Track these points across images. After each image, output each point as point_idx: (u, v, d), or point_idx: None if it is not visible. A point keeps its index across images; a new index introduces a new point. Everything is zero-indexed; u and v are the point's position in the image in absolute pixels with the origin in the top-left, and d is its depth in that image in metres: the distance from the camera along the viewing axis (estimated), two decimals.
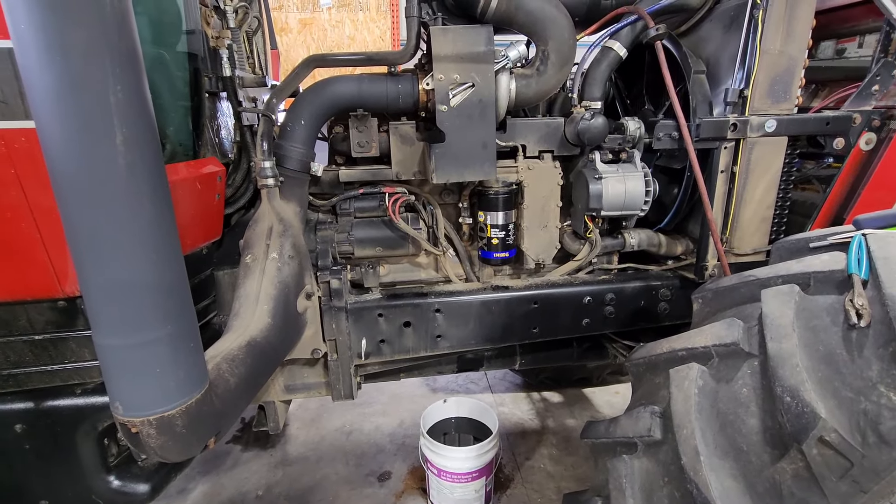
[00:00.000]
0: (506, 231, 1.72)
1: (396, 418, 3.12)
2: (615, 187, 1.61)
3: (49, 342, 1.17)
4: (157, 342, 0.89)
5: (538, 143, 1.70)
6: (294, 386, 1.82)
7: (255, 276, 1.43)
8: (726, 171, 1.63)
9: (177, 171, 1.30)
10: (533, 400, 3.31)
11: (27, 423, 1.26)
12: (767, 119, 1.55)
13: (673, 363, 1.07)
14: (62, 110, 0.73)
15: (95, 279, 0.83)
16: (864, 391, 0.85)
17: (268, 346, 1.33)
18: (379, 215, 1.73)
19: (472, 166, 1.54)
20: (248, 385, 1.22)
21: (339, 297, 1.64)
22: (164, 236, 0.87)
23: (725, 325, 1.02)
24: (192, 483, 2.59)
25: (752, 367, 0.96)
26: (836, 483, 0.85)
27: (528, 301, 1.76)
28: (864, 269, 0.95)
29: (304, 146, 1.56)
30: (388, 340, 1.73)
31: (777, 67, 1.53)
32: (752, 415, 0.92)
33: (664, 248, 1.86)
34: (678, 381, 1.01)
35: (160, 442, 0.94)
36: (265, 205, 1.51)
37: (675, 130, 1.62)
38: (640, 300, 1.81)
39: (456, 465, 2.13)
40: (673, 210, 1.79)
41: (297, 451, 2.85)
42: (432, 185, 1.79)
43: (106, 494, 1.36)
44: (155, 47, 1.26)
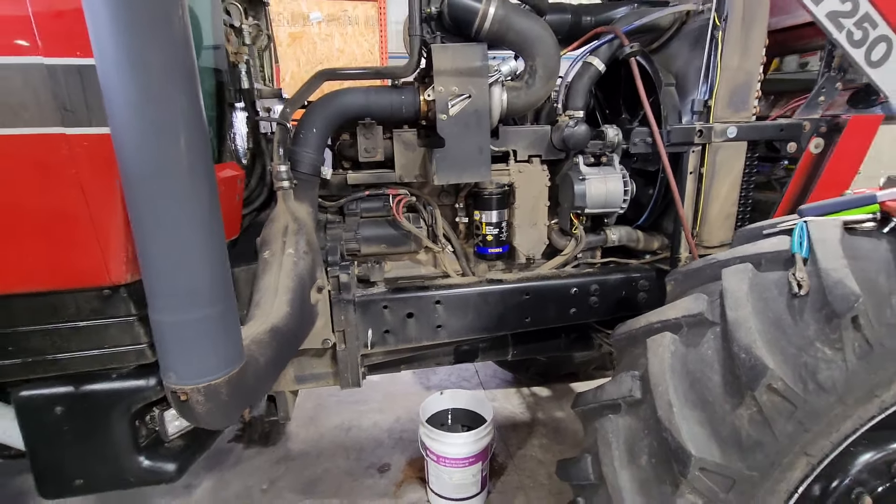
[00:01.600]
0: (499, 228, 1.89)
1: (393, 414, 3.24)
2: (597, 187, 1.80)
3: (92, 328, 1.28)
4: (205, 319, 1.02)
5: (527, 148, 1.88)
6: (304, 376, 1.94)
7: (273, 270, 1.57)
8: (695, 173, 1.82)
9: None
10: (523, 395, 3.47)
11: (67, 406, 1.36)
12: (729, 126, 1.76)
13: (650, 334, 1.24)
14: (140, 119, 0.87)
15: (156, 262, 0.96)
16: (804, 347, 1.03)
17: (288, 332, 1.46)
18: (383, 215, 1.88)
19: (469, 169, 1.71)
20: (274, 365, 1.35)
21: (347, 290, 1.78)
22: (214, 226, 1.01)
23: (692, 300, 1.19)
24: (197, 479, 2.67)
25: (714, 333, 1.14)
26: (784, 424, 1.02)
27: (520, 293, 1.92)
28: (805, 249, 1.14)
29: (315, 152, 1.70)
30: (392, 331, 1.87)
31: (736, 81, 1.74)
32: (715, 372, 1.09)
33: (642, 243, 2.05)
34: (654, 349, 1.18)
35: (207, 408, 1.06)
36: (281, 205, 1.65)
37: (648, 136, 1.81)
38: (621, 291, 1.99)
39: (454, 451, 2.26)
40: (649, 208, 1.98)
41: (298, 448, 2.94)
42: (432, 187, 1.95)
43: (136, 473, 1.46)
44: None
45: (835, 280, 1.03)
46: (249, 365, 1.21)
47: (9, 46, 1.01)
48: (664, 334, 1.19)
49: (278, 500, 2.52)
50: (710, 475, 1.04)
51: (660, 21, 1.85)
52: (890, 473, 1.26)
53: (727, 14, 1.67)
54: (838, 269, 1.04)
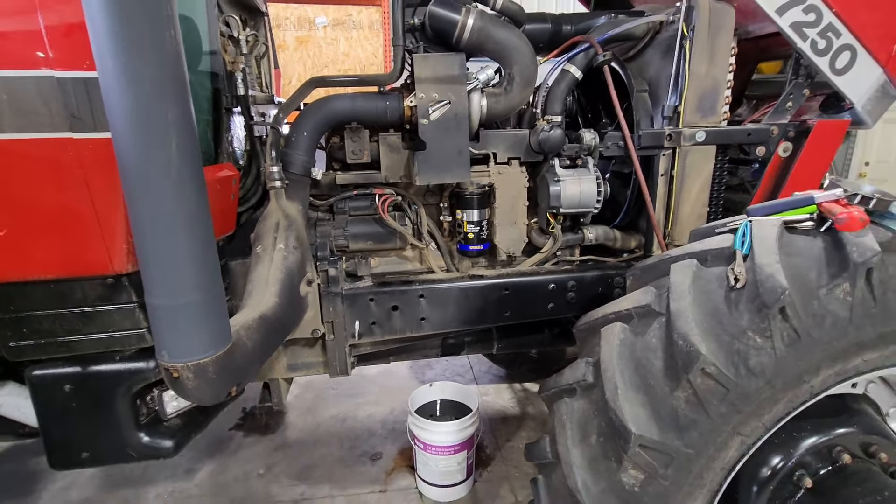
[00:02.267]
0: (480, 227, 2.00)
1: (387, 407, 3.36)
2: (571, 188, 1.89)
3: (97, 314, 1.42)
4: (194, 304, 1.15)
5: (507, 150, 1.98)
6: (296, 365, 2.06)
7: (264, 263, 1.69)
8: (666, 175, 1.91)
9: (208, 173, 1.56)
10: (514, 390, 3.56)
11: (74, 384, 1.50)
12: (697, 131, 1.85)
13: (605, 324, 1.34)
14: (135, 125, 0.99)
15: (151, 252, 1.08)
16: (737, 336, 1.13)
17: (276, 321, 1.58)
18: (370, 213, 2.00)
19: (449, 170, 1.82)
20: (262, 349, 1.47)
21: (335, 283, 1.90)
22: (202, 221, 1.13)
23: (642, 292, 1.29)
24: (198, 464, 2.81)
25: (660, 322, 1.23)
26: (717, 405, 1.12)
27: (501, 288, 2.02)
28: (746, 246, 1.23)
29: (306, 154, 1.83)
30: (378, 322, 1.98)
31: (704, 87, 1.83)
32: (658, 358, 1.19)
33: (619, 242, 2.14)
34: (606, 337, 1.28)
35: (196, 384, 1.19)
36: (273, 203, 1.77)
37: (621, 140, 1.91)
38: (597, 287, 2.08)
39: (440, 439, 2.37)
40: (624, 208, 2.07)
41: (295, 437, 3.07)
42: (416, 187, 2.06)
43: (137, 448, 1.59)
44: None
45: (767, 274, 1.12)
46: (237, 347, 1.33)
47: (24, 60, 1.14)
48: (616, 324, 1.29)
49: (274, 485, 2.65)
50: (649, 452, 1.14)
51: (634, 31, 1.94)
52: (832, 458, 1.34)
53: (694, 24, 1.76)
54: (771, 265, 1.14)
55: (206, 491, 2.61)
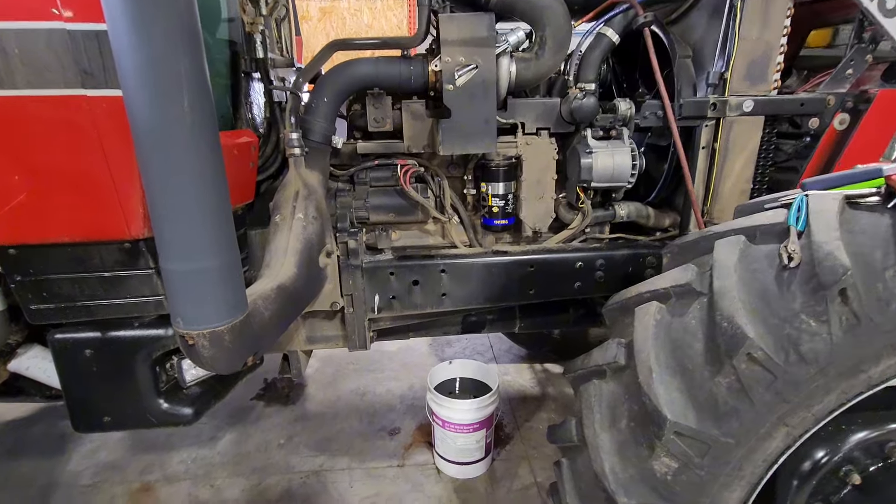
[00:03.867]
0: (506, 201, 1.91)
1: (407, 383, 3.35)
2: (604, 161, 1.78)
3: (116, 279, 1.40)
4: (210, 270, 1.10)
5: (536, 120, 1.87)
6: (315, 337, 2.04)
7: (283, 233, 1.65)
8: (707, 148, 1.78)
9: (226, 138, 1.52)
10: (535, 370, 3.51)
11: (95, 349, 1.50)
12: (745, 100, 1.71)
13: (640, 303, 1.26)
14: (146, 81, 0.94)
15: (165, 214, 1.04)
16: (788, 319, 1.03)
17: (294, 292, 1.55)
18: (392, 185, 1.93)
19: (474, 140, 1.73)
20: (279, 319, 1.43)
21: (355, 256, 1.85)
22: (217, 183, 1.08)
23: (681, 270, 1.20)
24: (220, 432, 2.86)
25: (701, 303, 1.14)
26: (762, 393, 1.03)
27: (526, 265, 1.95)
28: (801, 222, 1.12)
29: (326, 121, 1.76)
30: (398, 297, 1.93)
31: (754, 53, 1.68)
32: (697, 340, 1.10)
33: (653, 219, 2.02)
34: (640, 317, 1.20)
35: (211, 353, 1.16)
36: (292, 171, 1.72)
37: (660, 110, 1.78)
38: (628, 266, 1.98)
39: (459, 417, 2.34)
40: (660, 184, 1.95)
41: (315, 409, 3.10)
42: (440, 158, 1.98)
43: (157, 414, 1.59)
44: (203, 32, 1.47)
45: (826, 252, 1.01)
46: (253, 316, 1.29)
47: (34, 11, 1.10)
48: (651, 303, 1.20)
49: (294, 455, 2.68)
50: (684, 439, 1.07)
51: None
52: (883, 454, 1.24)
53: None
54: (831, 242, 1.03)
55: (228, 459, 2.65)
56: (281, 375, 2.13)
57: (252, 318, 1.28)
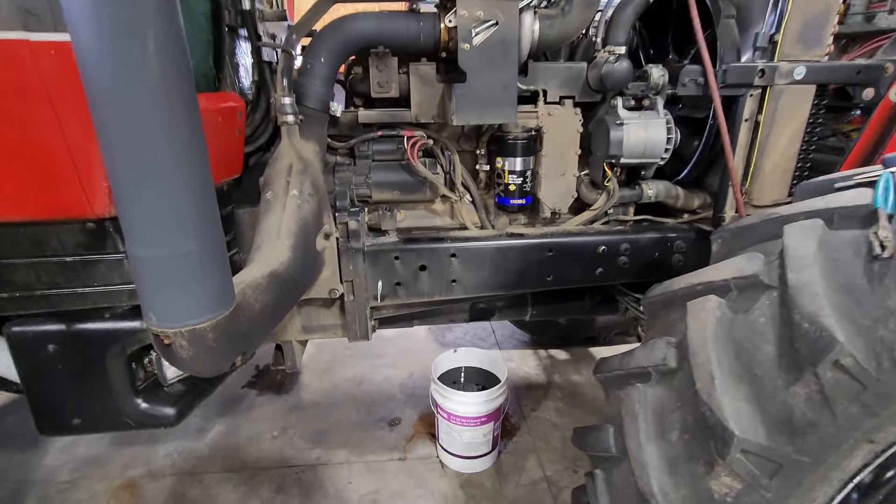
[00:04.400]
0: (523, 178, 1.72)
1: (406, 370, 3.20)
2: (636, 133, 1.60)
3: (80, 264, 1.20)
4: (187, 256, 0.91)
5: (559, 88, 1.67)
6: (311, 326, 1.86)
7: (275, 212, 1.45)
8: (750, 120, 1.60)
9: (208, 101, 1.30)
10: (540, 357, 3.37)
11: (59, 344, 1.30)
12: (797, 66, 1.52)
13: (691, 297, 1.09)
14: (97, 18, 0.73)
15: (128, 189, 0.84)
16: (882, 319, 0.86)
17: (289, 279, 1.36)
18: (397, 159, 1.73)
19: (492, 109, 1.53)
20: (271, 312, 1.25)
21: (356, 238, 1.66)
22: (195, 150, 0.88)
23: (746, 259, 1.02)
24: (209, 423, 2.70)
25: (770, 298, 0.97)
26: (847, 405, 0.87)
27: (543, 249, 1.77)
28: (891, 204, 0.95)
29: (323, 85, 1.54)
30: (403, 283, 1.75)
31: (812, 11, 1.48)
32: (767, 342, 0.94)
33: (681, 200, 1.85)
34: (695, 313, 1.03)
35: (191, 353, 0.97)
36: (285, 142, 1.51)
37: (700, 76, 1.58)
38: (654, 251, 1.81)
39: (466, 410, 2.19)
40: (693, 161, 1.77)
41: (310, 398, 2.94)
42: (451, 130, 1.78)
43: (135, 416, 1.42)
44: None
45: None
46: (242, 309, 1.11)
47: None
48: (709, 297, 1.03)
49: (288, 447, 2.53)
50: (752, 458, 0.91)
51: None
52: None
53: None
54: None
55: (217, 452, 2.50)
56: (275, 367, 1.96)
57: (240, 311, 1.09)
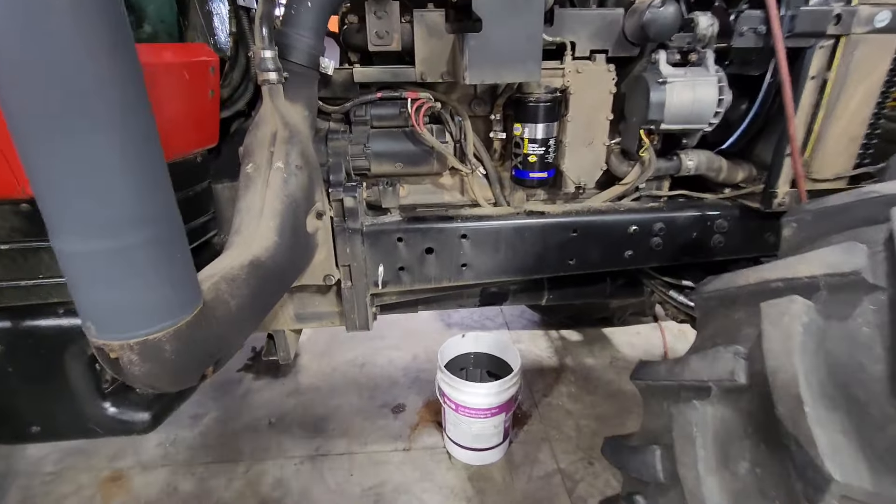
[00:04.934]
0: (545, 147, 1.49)
1: (410, 352, 3.04)
2: (682, 94, 1.35)
3: (18, 253, 1.00)
4: (133, 249, 0.71)
5: (590, 40, 1.42)
6: (305, 315, 1.67)
7: (257, 187, 1.24)
8: (817, 78, 1.35)
9: (158, 53, 1.07)
10: (551, 338, 3.20)
11: (6, 344, 1.12)
12: (881, 10, 1.26)
13: (763, 296, 0.88)
14: None
15: (44, 162, 0.63)
16: None
17: (274, 268, 1.16)
18: (399, 125, 1.50)
19: (512, 65, 1.29)
20: (252, 309, 1.05)
21: (353, 217, 1.45)
22: (133, 110, 0.66)
23: (842, 251, 0.81)
24: (204, 409, 2.55)
25: (877, 301, 0.76)
26: None
27: (567, 229, 1.56)
28: None
29: (311, 35, 1.30)
30: (407, 268, 1.55)
31: None
32: (875, 359, 0.74)
33: (724, 173, 1.62)
34: (774, 317, 0.83)
35: (145, 369, 0.78)
36: (267, 104, 1.28)
37: (762, 24, 1.33)
38: (692, 231, 1.60)
39: (475, 401, 2.03)
40: (742, 127, 1.54)
41: (309, 382, 2.79)
42: (461, 92, 1.54)
43: (102, 421, 1.25)
44: None
45: None
46: (213, 309, 0.91)
47: None
48: (792, 298, 0.82)
49: (286, 436, 2.39)
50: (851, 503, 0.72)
51: None
52: None
53: None
54: None
55: (212, 441, 2.36)
56: (267, 358, 1.78)
57: (210, 311, 0.90)
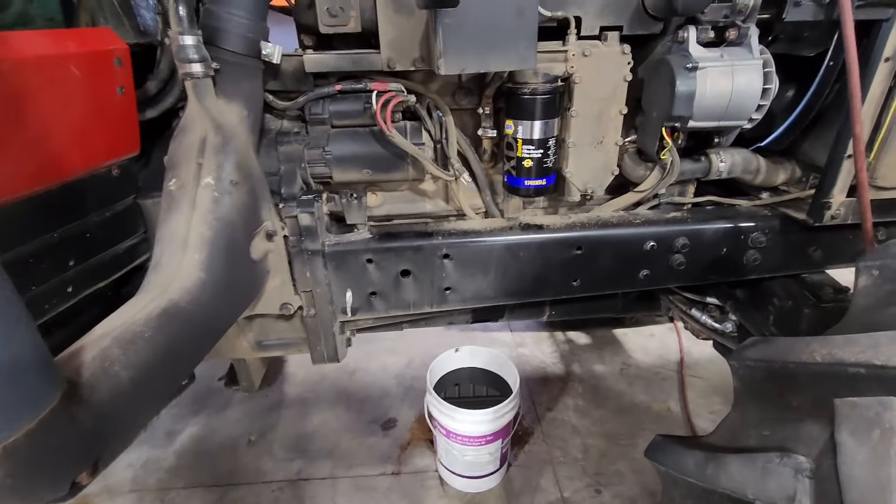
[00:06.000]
0: (544, 149, 1.22)
1: (405, 357, 2.83)
2: (717, 84, 1.07)
3: None
4: None
5: (600, 14, 1.13)
6: (268, 343, 1.45)
7: (181, 210, 1.00)
8: (893, 60, 1.06)
9: (32, 42, 0.82)
10: (557, 341, 2.97)
11: None
12: None
13: (836, 384, 0.63)
14: None
15: None
16: None
17: (197, 313, 0.93)
18: (366, 123, 1.24)
19: (500, 48, 1.01)
20: (158, 378, 0.83)
21: (312, 236, 1.21)
22: None
23: None
24: (180, 424, 2.38)
25: None
26: None
27: (569, 245, 1.30)
28: None
29: (248, 15, 1.04)
30: (380, 293, 1.32)
31: None
32: None
33: (762, 175, 1.34)
34: (858, 427, 0.57)
35: None
36: (193, 104, 1.03)
37: None
38: (721, 247, 1.33)
39: (468, 429, 1.81)
40: (789, 121, 1.24)
41: (294, 392, 2.60)
42: (442, 81, 1.26)
43: None
44: None
45: None
46: (91, 391, 0.69)
47: None
48: (886, 402, 0.57)
49: (266, 457, 2.21)
50: None
51: None
52: None
53: None
54: None
55: (186, 461, 2.19)
56: (229, 387, 1.58)
57: (85, 395, 0.67)
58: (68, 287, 1.00)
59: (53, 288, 0.96)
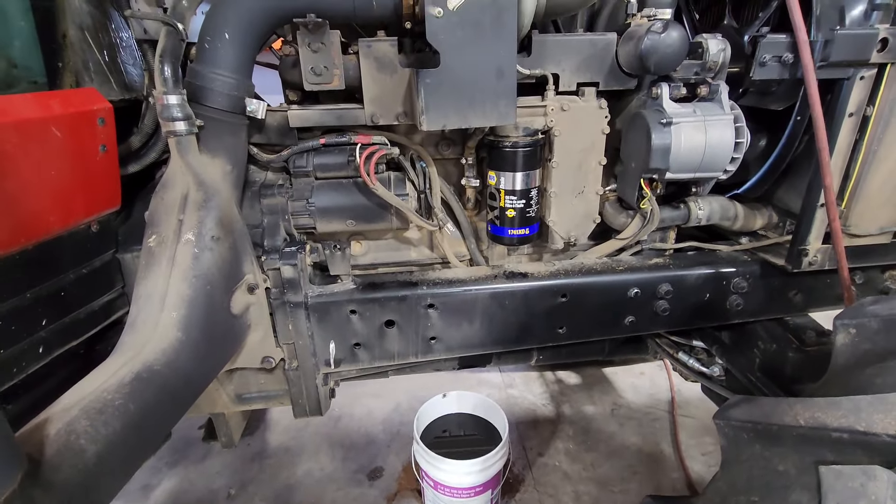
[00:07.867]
0: (526, 199, 1.23)
1: (391, 401, 2.76)
2: (691, 138, 1.10)
3: None
4: None
5: (577, 71, 1.18)
6: (248, 396, 1.41)
7: (160, 267, 0.98)
8: (856, 115, 1.10)
9: (14, 106, 0.82)
10: (547, 381, 2.93)
11: None
12: None
13: (820, 449, 0.62)
14: None
15: None
16: None
17: (173, 376, 0.90)
18: (350, 175, 1.25)
19: (481, 105, 1.03)
20: (129, 448, 0.79)
21: (294, 288, 1.19)
22: None
23: None
24: (156, 477, 2.28)
25: None
26: None
27: (554, 293, 1.30)
28: None
29: (233, 74, 1.05)
30: (364, 344, 1.30)
31: None
32: None
33: (739, 221, 1.37)
34: (842, 499, 0.56)
35: None
36: (175, 161, 1.03)
37: (788, 51, 1.08)
38: (704, 293, 1.35)
39: (456, 480, 1.76)
40: (763, 170, 1.28)
41: (277, 440, 2.51)
42: (426, 133, 1.29)
43: None
44: None
45: None
46: (54, 470, 0.65)
47: None
48: (870, 471, 0.56)
49: None
50: None
51: None
52: None
53: None
54: None
55: None
56: (207, 440, 1.53)
57: (49, 474, 0.64)
58: (39, 347, 0.97)
59: (23, 350, 0.93)
